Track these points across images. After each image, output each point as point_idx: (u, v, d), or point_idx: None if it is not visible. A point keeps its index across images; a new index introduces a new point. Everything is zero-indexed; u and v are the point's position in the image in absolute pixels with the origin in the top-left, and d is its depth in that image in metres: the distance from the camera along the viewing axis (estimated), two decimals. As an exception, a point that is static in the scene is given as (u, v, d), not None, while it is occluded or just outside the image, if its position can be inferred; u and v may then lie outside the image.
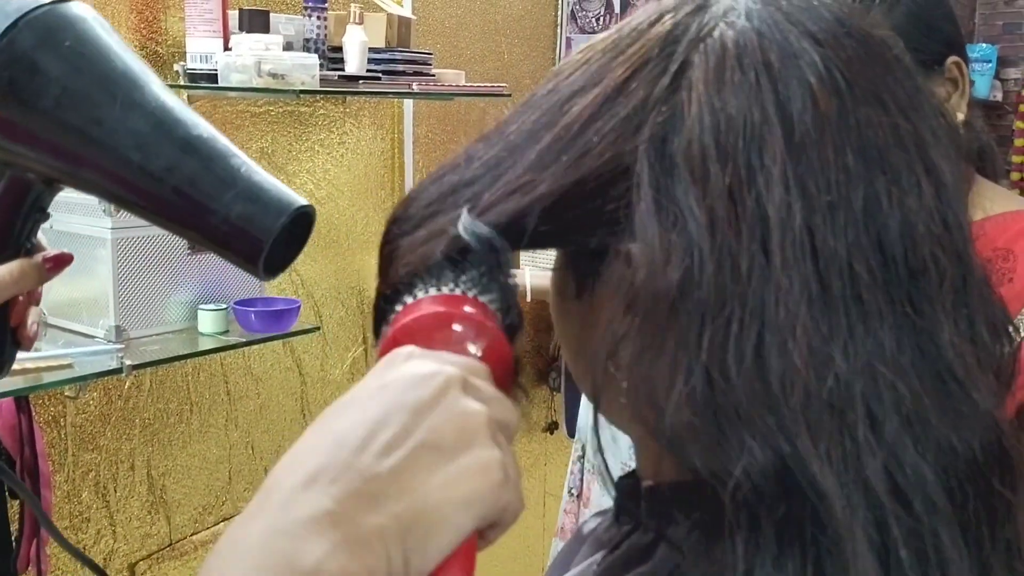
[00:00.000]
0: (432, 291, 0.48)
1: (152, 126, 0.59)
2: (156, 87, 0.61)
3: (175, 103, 0.61)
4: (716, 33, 0.48)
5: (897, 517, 0.44)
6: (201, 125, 0.60)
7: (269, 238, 0.58)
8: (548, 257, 0.57)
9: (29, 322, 0.70)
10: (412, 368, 0.43)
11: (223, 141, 0.61)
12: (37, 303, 0.71)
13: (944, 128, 0.49)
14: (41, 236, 0.69)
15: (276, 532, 0.38)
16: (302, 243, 0.62)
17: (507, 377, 0.49)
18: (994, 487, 0.47)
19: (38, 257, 0.67)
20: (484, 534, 0.42)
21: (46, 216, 0.67)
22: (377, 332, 0.50)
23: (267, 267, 0.60)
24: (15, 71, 0.58)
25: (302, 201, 0.60)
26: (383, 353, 0.46)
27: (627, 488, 0.56)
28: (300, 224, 0.60)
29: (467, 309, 0.48)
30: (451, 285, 0.48)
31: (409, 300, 0.49)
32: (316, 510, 0.38)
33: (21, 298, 0.68)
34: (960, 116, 1.03)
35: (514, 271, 0.50)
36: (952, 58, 1.03)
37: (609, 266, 0.48)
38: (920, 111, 0.49)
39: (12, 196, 0.64)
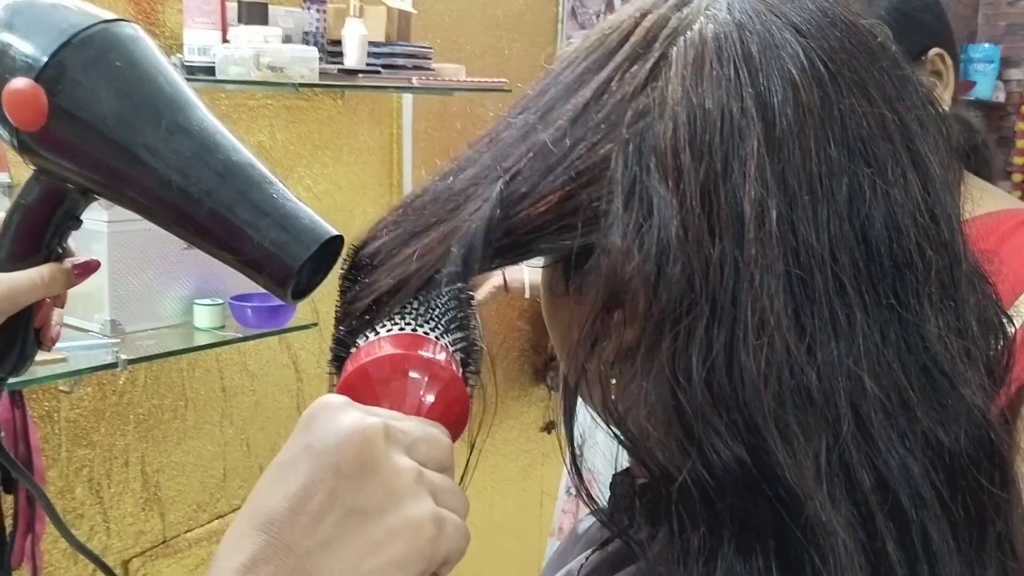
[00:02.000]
0: (395, 329, 0.49)
1: (194, 150, 0.61)
2: (200, 111, 0.63)
3: (218, 128, 0.63)
4: (695, 27, 0.47)
5: (883, 512, 0.43)
6: (242, 151, 0.62)
7: (299, 264, 0.60)
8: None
9: (52, 323, 0.72)
10: (335, 425, 0.43)
11: (261, 168, 0.62)
12: (62, 306, 0.73)
13: (932, 118, 0.49)
14: (71, 242, 0.70)
15: None
16: (328, 269, 0.64)
17: (460, 422, 0.49)
18: (982, 483, 0.46)
19: (67, 263, 0.69)
20: (436, 571, 0.43)
21: (78, 224, 0.69)
22: (337, 364, 0.51)
23: (294, 291, 0.63)
24: (65, 88, 0.60)
25: (333, 231, 0.62)
26: (340, 390, 0.48)
27: (622, 486, 0.55)
28: (328, 251, 0.62)
29: (425, 353, 0.48)
30: (412, 324, 0.49)
31: (371, 336, 0.49)
32: None
33: (47, 300, 0.71)
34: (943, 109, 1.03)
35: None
36: (935, 50, 1.02)
37: (593, 263, 0.48)
38: (907, 101, 0.48)
39: (47, 203, 0.66)
